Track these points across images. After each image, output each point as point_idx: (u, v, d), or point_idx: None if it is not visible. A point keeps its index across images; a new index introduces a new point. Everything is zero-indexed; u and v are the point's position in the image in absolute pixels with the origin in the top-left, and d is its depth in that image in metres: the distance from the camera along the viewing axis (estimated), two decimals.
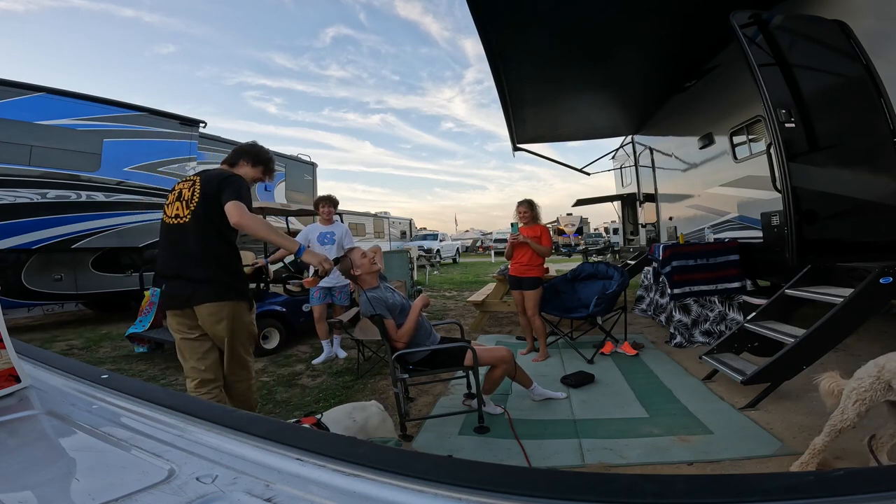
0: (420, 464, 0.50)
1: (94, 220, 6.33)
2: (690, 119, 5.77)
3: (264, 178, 2.39)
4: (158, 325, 4.79)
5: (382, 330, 2.59)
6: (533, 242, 3.99)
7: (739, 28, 3.12)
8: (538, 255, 4.03)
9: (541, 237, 4.07)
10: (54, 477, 0.56)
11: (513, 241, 4.09)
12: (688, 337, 4.31)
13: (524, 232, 4.08)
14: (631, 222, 10.13)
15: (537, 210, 4.24)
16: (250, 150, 2.34)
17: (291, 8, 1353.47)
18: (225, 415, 0.66)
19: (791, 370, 2.71)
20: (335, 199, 4.21)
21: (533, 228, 4.13)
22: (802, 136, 3.09)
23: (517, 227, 4.11)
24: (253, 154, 2.32)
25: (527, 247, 4.02)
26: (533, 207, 4.19)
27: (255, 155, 2.33)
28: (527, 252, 4.04)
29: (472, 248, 34.30)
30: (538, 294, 4.05)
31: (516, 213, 4.20)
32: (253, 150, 2.35)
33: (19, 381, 0.76)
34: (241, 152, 2.32)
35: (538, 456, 2.28)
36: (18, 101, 5.70)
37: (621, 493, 0.43)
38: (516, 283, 4.14)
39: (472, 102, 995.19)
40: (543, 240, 4.07)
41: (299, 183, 11.47)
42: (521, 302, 4.13)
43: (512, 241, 4.11)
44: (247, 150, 2.34)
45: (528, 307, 4.03)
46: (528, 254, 4.04)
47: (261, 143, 2.44)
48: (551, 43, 4.54)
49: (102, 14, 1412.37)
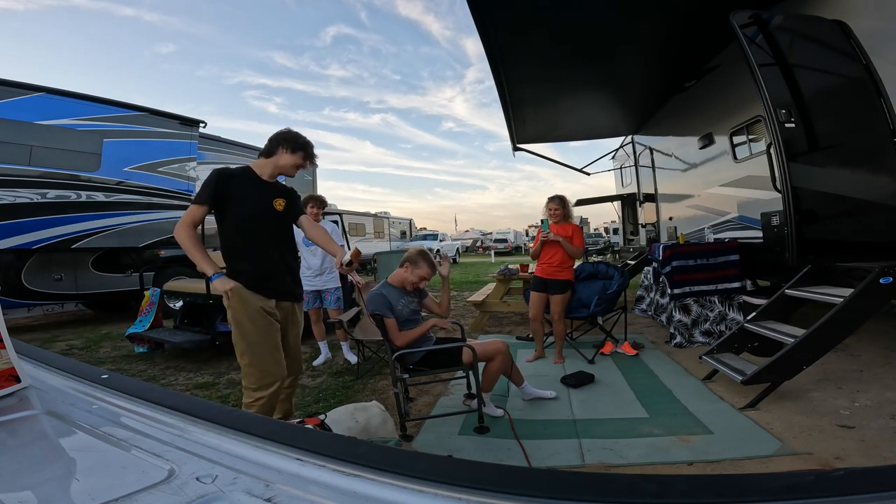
0: (420, 464, 0.50)
1: (94, 220, 6.34)
2: (690, 119, 5.77)
3: (305, 165, 2.27)
4: (158, 325, 4.80)
5: (382, 328, 2.59)
6: (565, 241, 3.72)
7: (739, 28, 3.11)
8: (570, 256, 3.79)
9: (573, 237, 3.77)
10: (54, 477, 0.56)
11: (543, 238, 3.76)
12: (688, 337, 4.31)
13: (555, 230, 3.78)
14: (631, 222, 10.13)
15: (569, 207, 3.92)
16: (287, 136, 2.22)
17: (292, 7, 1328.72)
18: (225, 415, 0.66)
19: (791, 370, 2.71)
20: (324, 199, 4.19)
21: (564, 227, 3.83)
22: (802, 136, 3.09)
23: (548, 224, 3.79)
24: (291, 140, 2.21)
25: (557, 246, 3.75)
26: (565, 204, 3.87)
27: (292, 141, 2.21)
28: (558, 252, 3.77)
29: (472, 248, 34.32)
30: (566, 298, 3.83)
31: (546, 209, 3.87)
32: (290, 135, 2.22)
33: (19, 381, 0.76)
34: (279, 139, 2.21)
35: (538, 456, 2.28)
36: (18, 101, 5.70)
37: (621, 493, 0.43)
38: (541, 285, 3.86)
39: (473, 102, 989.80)
40: (575, 240, 3.77)
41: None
42: (540, 305, 3.90)
43: (542, 239, 3.77)
44: (284, 136, 2.22)
45: (555, 312, 3.81)
46: (559, 254, 3.77)
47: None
48: (551, 43, 4.53)
49: (102, 13, 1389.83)
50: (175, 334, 4.52)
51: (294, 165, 2.23)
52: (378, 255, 5.61)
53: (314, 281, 4.04)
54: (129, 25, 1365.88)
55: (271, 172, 2.23)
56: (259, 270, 2.12)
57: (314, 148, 2.31)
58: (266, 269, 2.14)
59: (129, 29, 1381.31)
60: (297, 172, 2.30)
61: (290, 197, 2.29)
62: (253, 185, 2.17)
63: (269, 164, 2.22)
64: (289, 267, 2.27)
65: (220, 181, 2.08)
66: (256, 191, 2.17)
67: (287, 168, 2.23)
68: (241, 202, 2.10)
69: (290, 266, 2.29)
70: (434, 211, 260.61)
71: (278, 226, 2.22)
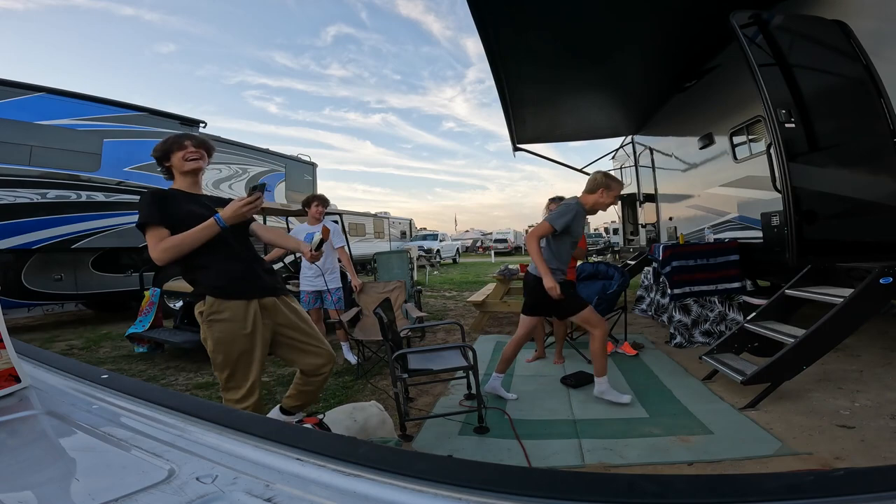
0: (420, 464, 0.50)
1: (94, 220, 6.34)
2: (690, 119, 5.77)
3: (186, 147, 2.00)
4: (158, 325, 4.80)
5: (382, 325, 2.59)
6: None
7: (739, 28, 3.11)
8: (573, 256, 3.73)
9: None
10: (54, 477, 0.56)
11: None
12: (688, 337, 4.31)
13: None
14: (631, 222, 10.13)
15: None
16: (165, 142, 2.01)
17: (293, 6, 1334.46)
18: (225, 415, 0.66)
19: (791, 370, 2.71)
20: (327, 198, 4.20)
21: None
22: (802, 136, 3.09)
23: None
24: (171, 142, 1.99)
25: None
26: None
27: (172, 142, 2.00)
28: None
29: (473, 249, 34.31)
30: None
31: (547, 211, 3.87)
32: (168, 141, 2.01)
33: (19, 381, 0.76)
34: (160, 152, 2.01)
35: (538, 456, 2.28)
36: (18, 101, 5.70)
37: (621, 493, 0.42)
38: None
39: (474, 102, 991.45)
40: (580, 241, 3.82)
41: (299, 183, 11.46)
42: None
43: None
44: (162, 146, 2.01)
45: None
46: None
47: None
48: (551, 43, 4.53)
49: (102, 12, 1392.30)
50: (175, 334, 4.52)
51: (183, 158, 1.98)
52: (378, 255, 5.59)
53: (315, 281, 4.04)
54: (129, 25, 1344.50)
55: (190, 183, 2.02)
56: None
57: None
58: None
59: (129, 29, 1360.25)
60: (197, 164, 2.03)
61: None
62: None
63: (177, 177, 2.02)
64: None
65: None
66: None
67: (180, 164, 1.99)
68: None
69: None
70: (434, 211, 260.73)
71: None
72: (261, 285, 1.99)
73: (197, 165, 2.01)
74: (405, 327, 3.67)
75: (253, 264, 2.03)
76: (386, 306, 2.90)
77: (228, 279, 1.90)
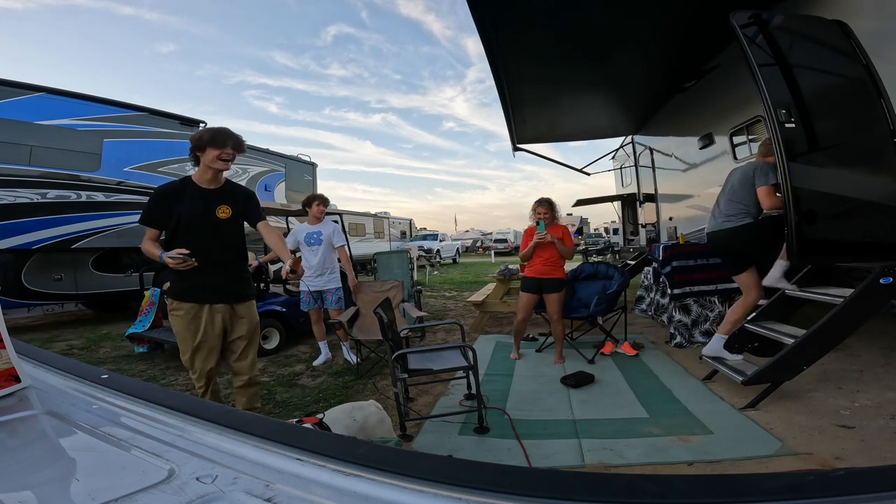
0: (420, 464, 0.50)
1: (94, 220, 6.34)
2: (690, 119, 5.77)
3: (227, 151, 2.23)
4: (158, 325, 4.79)
5: (382, 325, 2.59)
6: (559, 243, 3.83)
7: (739, 28, 3.11)
8: (562, 256, 3.88)
9: (563, 238, 3.89)
10: (54, 477, 0.56)
11: (540, 240, 3.85)
12: (688, 337, 4.31)
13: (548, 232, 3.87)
14: (631, 222, 10.14)
15: (557, 210, 4.03)
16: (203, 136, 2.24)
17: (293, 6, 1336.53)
18: (225, 415, 0.66)
19: (791, 370, 2.71)
20: (327, 198, 4.19)
21: (554, 229, 3.91)
22: (802, 136, 3.09)
23: (544, 226, 3.84)
24: (208, 139, 2.21)
25: (551, 247, 3.85)
26: (553, 207, 3.97)
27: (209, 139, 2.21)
28: (552, 252, 3.86)
29: (472, 249, 34.30)
30: (562, 296, 3.90)
31: (534, 213, 3.95)
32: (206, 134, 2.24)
33: (19, 381, 0.76)
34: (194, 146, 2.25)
35: (538, 456, 2.28)
36: (18, 101, 5.70)
37: (621, 493, 0.43)
38: (535, 286, 3.91)
39: (474, 102, 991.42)
40: (566, 240, 3.91)
41: (299, 183, 11.46)
42: (531, 306, 3.98)
43: (538, 241, 3.86)
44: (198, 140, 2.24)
45: (553, 311, 3.86)
46: (552, 255, 3.86)
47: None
48: (551, 43, 4.53)
49: (102, 12, 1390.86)
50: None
51: (217, 157, 2.18)
52: (378, 256, 5.59)
53: (315, 281, 4.04)
54: (129, 25, 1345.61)
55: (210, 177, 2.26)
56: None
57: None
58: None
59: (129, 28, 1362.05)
60: (226, 166, 2.24)
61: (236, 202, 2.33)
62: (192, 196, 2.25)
63: (201, 167, 2.24)
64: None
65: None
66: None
67: (211, 160, 2.18)
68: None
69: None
70: (434, 211, 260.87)
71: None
72: (216, 292, 2.25)
73: (225, 167, 2.25)
74: (405, 327, 3.67)
75: (221, 268, 2.26)
76: (386, 306, 2.91)
77: (187, 285, 2.22)
